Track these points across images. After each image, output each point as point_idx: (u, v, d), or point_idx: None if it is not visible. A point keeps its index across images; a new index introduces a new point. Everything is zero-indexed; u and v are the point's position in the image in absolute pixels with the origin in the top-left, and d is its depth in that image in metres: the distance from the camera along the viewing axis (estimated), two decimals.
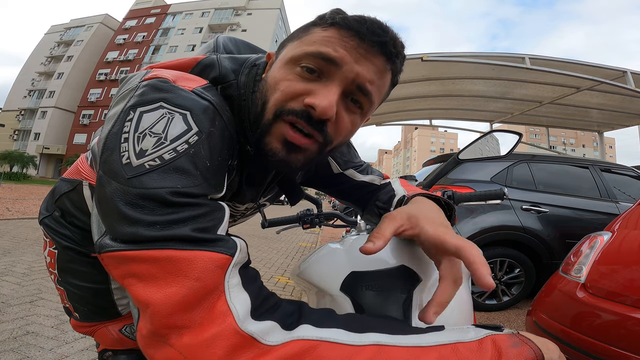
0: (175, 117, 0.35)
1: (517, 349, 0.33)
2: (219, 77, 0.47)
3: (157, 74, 0.40)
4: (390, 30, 0.43)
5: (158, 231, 0.31)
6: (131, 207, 0.32)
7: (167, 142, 0.34)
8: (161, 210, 0.32)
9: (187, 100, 0.37)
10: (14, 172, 25.71)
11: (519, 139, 1.02)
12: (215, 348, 0.29)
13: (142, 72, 0.43)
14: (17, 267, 3.03)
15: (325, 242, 0.66)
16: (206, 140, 0.36)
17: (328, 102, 0.40)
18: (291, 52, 0.43)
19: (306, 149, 0.43)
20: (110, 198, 0.32)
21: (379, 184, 0.72)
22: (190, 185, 0.33)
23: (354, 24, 0.41)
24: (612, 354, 1.03)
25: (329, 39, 0.41)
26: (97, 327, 0.73)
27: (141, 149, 0.34)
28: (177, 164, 0.34)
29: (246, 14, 42.94)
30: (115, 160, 0.34)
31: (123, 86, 0.42)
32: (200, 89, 0.40)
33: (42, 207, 0.74)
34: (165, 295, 0.30)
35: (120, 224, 0.32)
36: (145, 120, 0.35)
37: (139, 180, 0.32)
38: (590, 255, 1.40)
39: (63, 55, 43.57)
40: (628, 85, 4.11)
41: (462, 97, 5.87)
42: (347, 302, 0.49)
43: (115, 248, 0.32)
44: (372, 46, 0.41)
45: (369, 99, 0.44)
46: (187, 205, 0.33)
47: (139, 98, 0.37)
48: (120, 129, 0.35)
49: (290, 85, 0.42)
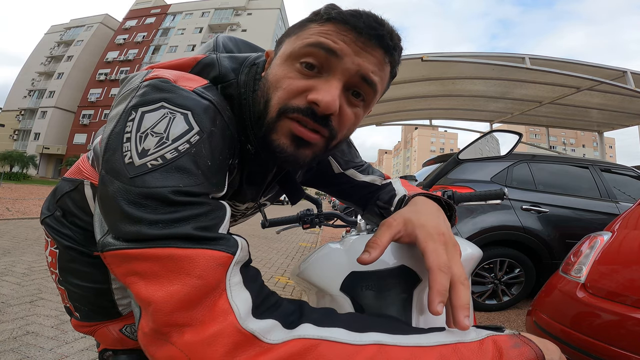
0: (177, 117, 0.36)
1: (518, 349, 0.33)
2: (219, 77, 0.47)
3: (158, 74, 0.40)
4: (386, 23, 0.43)
5: (160, 230, 0.31)
6: (134, 206, 0.32)
7: (169, 142, 0.34)
8: (163, 209, 0.32)
9: (188, 100, 0.38)
10: (14, 172, 25.72)
11: (519, 139, 1.02)
12: (217, 346, 0.29)
13: (143, 72, 0.43)
14: (17, 267, 3.03)
15: (325, 242, 0.66)
16: (207, 139, 0.37)
17: (331, 96, 0.40)
18: (290, 47, 0.44)
19: (314, 144, 0.44)
20: (113, 197, 0.33)
21: (380, 184, 0.72)
22: (191, 184, 0.34)
23: (350, 18, 0.41)
24: (612, 354, 1.03)
25: (327, 31, 0.42)
26: (97, 326, 0.73)
27: (143, 149, 0.34)
28: (178, 163, 0.34)
29: (246, 14, 42.96)
30: (118, 159, 0.34)
31: (124, 86, 0.43)
32: (200, 88, 0.40)
33: (43, 206, 0.74)
34: (167, 293, 0.30)
35: (122, 223, 0.32)
36: (147, 120, 0.35)
37: (142, 180, 0.33)
38: (590, 255, 1.40)
39: (63, 55, 43.58)
40: (628, 85, 4.11)
41: (462, 97, 5.87)
42: (347, 302, 0.49)
43: (117, 246, 0.32)
44: (369, 39, 0.41)
45: (373, 89, 0.44)
46: (189, 204, 0.33)
47: (140, 98, 0.37)
48: (123, 128, 0.36)
49: (292, 83, 0.42)
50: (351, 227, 0.97)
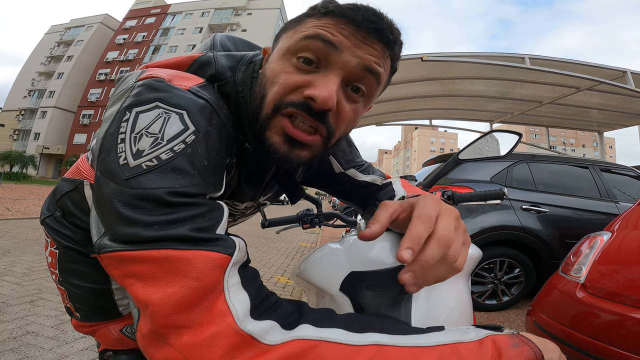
0: (172, 116, 0.35)
1: (517, 349, 0.33)
2: (216, 75, 0.47)
3: (153, 74, 0.40)
4: (385, 17, 0.42)
5: (156, 231, 0.31)
6: (129, 207, 0.32)
7: (164, 142, 0.34)
8: (159, 211, 0.32)
9: (183, 99, 0.37)
10: (14, 172, 25.71)
11: (519, 139, 1.02)
12: (215, 347, 0.29)
13: (138, 71, 0.42)
14: (17, 267, 3.03)
15: (325, 242, 0.66)
16: (203, 139, 0.36)
17: (328, 92, 0.39)
18: (287, 42, 0.43)
19: (312, 145, 0.43)
20: (109, 199, 0.32)
21: (380, 184, 0.72)
22: (187, 185, 0.33)
23: (348, 12, 0.40)
24: (612, 354, 1.03)
25: (325, 25, 0.41)
26: (98, 327, 0.73)
27: (138, 150, 0.34)
28: (174, 164, 0.34)
29: (246, 14, 42.93)
30: (112, 161, 0.34)
31: (119, 86, 0.42)
32: (196, 87, 0.40)
33: (43, 207, 0.74)
34: (164, 295, 0.30)
35: (118, 225, 0.32)
36: (142, 121, 0.35)
37: (137, 181, 0.32)
38: (590, 255, 1.40)
39: (63, 55, 43.55)
40: (628, 85, 4.11)
41: (462, 97, 5.87)
42: (346, 302, 0.49)
43: (114, 249, 0.32)
44: (368, 33, 0.40)
45: (377, 79, 0.43)
46: (185, 205, 0.33)
47: (134, 98, 0.37)
48: (117, 129, 0.35)
49: (289, 78, 0.41)
50: (351, 227, 0.97)
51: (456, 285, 0.51)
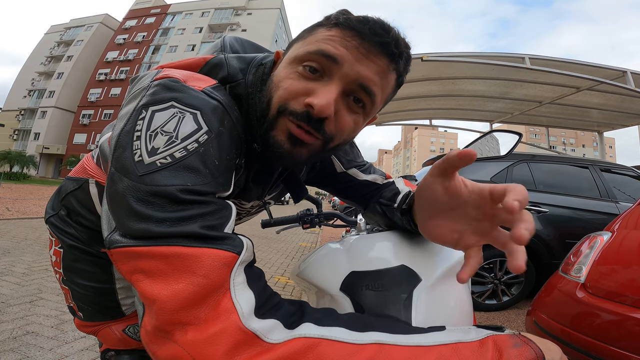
0: (186, 116, 0.36)
1: (518, 349, 0.33)
2: (228, 77, 0.48)
3: (168, 74, 0.41)
4: (392, 31, 0.43)
5: (167, 228, 0.32)
6: (142, 203, 0.32)
7: (178, 141, 0.35)
8: (171, 207, 0.32)
9: (197, 100, 0.38)
10: (13, 172, 25.70)
11: (519, 139, 1.02)
12: (219, 344, 0.29)
13: (154, 71, 0.43)
14: (16, 267, 3.03)
15: (325, 242, 0.67)
16: (215, 139, 0.37)
17: (325, 101, 0.40)
18: (295, 51, 0.45)
19: (310, 144, 0.44)
20: (122, 194, 0.33)
21: (382, 183, 0.73)
22: (199, 183, 0.34)
23: (356, 24, 0.41)
24: (612, 354, 1.03)
25: (332, 37, 0.42)
26: (100, 326, 0.74)
27: (153, 147, 0.34)
28: (187, 162, 0.34)
29: (246, 14, 42.94)
30: (128, 157, 0.34)
31: (135, 85, 0.43)
32: (209, 88, 0.41)
33: (47, 206, 0.75)
34: (172, 291, 0.30)
35: (130, 220, 0.32)
36: (157, 119, 0.36)
37: (151, 178, 0.33)
38: (590, 255, 1.40)
39: (63, 55, 43.57)
40: (628, 85, 4.11)
41: (462, 97, 5.87)
42: (347, 302, 0.49)
43: (125, 244, 0.32)
44: (373, 46, 0.41)
45: (372, 99, 0.44)
46: (196, 202, 0.33)
47: (151, 97, 0.38)
48: (133, 127, 0.36)
49: (292, 84, 0.43)
50: (351, 227, 0.97)
51: (456, 285, 0.52)
